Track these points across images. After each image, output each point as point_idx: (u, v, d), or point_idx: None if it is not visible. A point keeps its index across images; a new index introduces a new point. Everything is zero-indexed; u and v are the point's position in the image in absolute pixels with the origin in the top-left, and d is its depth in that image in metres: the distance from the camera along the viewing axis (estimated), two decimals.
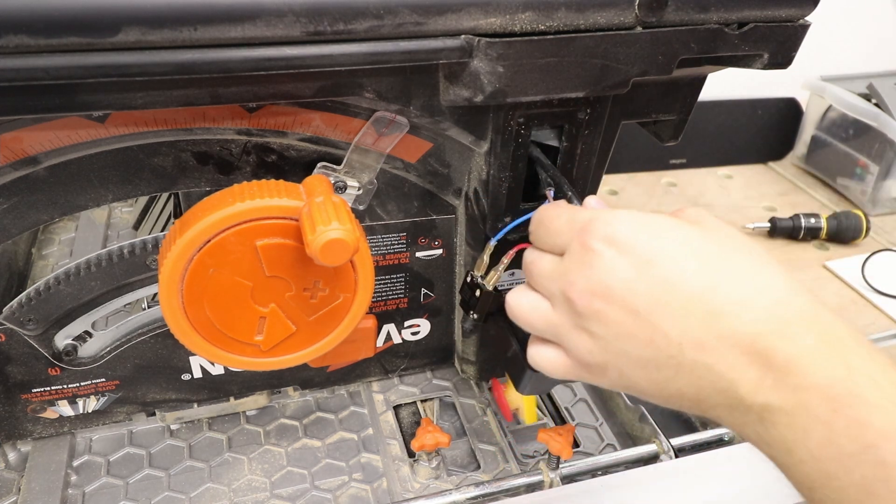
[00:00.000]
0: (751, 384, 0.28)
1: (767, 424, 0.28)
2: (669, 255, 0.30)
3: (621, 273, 0.30)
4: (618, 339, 0.31)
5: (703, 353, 0.29)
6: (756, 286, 0.29)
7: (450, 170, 0.48)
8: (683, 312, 0.29)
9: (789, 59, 0.43)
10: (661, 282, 0.30)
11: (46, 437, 0.55)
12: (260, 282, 0.40)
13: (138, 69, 0.31)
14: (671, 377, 0.30)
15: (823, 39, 0.83)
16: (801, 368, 0.27)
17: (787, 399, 0.27)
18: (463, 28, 0.35)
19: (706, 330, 0.29)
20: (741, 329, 0.28)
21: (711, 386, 0.29)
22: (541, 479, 0.53)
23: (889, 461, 0.25)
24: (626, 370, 0.32)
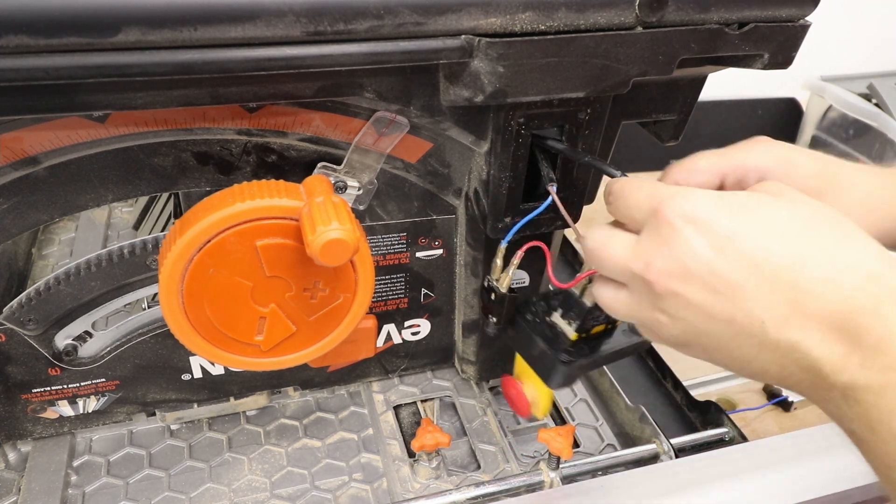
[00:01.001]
0: (836, 363, 0.28)
1: (851, 402, 0.28)
2: (750, 231, 0.30)
3: (700, 252, 0.30)
4: (697, 319, 0.31)
5: (787, 331, 0.28)
6: (845, 261, 0.28)
7: (450, 170, 0.48)
8: (767, 290, 0.29)
9: (789, 59, 0.43)
10: (742, 259, 0.29)
11: (46, 437, 0.55)
12: (260, 282, 0.40)
13: (138, 69, 0.31)
14: (754, 356, 0.30)
15: (823, 39, 0.83)
16: (892, 348, 0.27)
17: (875, 378, 0.27)
18: (463, 28, 0.35)
19: (791, 308, 0.28)
20: (829, 307, 0.28)
21: (795, 364, 0.29)
22: (541, 479, 0.53)
23: None
24: (709, 348, 0.32)
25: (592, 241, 0.35)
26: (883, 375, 0.27)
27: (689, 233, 0.30)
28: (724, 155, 0.38)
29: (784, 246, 0.29)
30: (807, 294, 0.28)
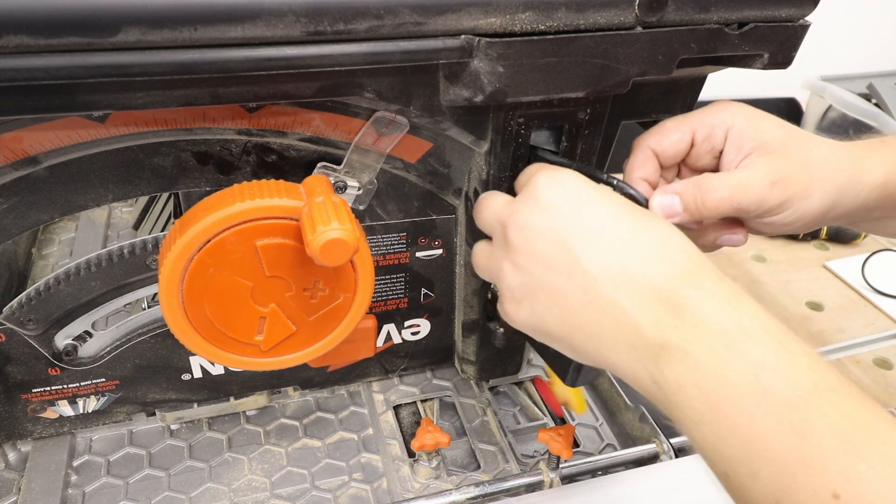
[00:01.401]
0: (653, 322, 0.31)
1: (661, 362, 0.30)
2: (605, 204, 0.35)
3: (560, 209, 0.35)
4: (540, 271, 0.35)
5: (614, 290, 0.32)
6: (671, 243, 0.33)
7: (450, 170, 0.48)
8: (605, 252, 0.33)
9: (789, 59, 0.43)
10: (592, 222, 0.34)
11: (46, 437, 0.55)
12: (260, 282, 0.40)
13: (138, 69, 0.31)
14: (580, 310, 0.33)
15: (823, 39, 0.83)
16: (702, 310, 0.30)
17: (685, 336, 0.30)
18: (463, 28, 0.35)
19: (621, 269, 0.32)
20: (652, 274, 0.32)
21: (615, 322, 0.32)
22: (541, 479, 0.53)
23: (770, 388, 0.27)
24: (539, 305, 0.35)
25: (482, 198, 0.41)
26: (692, 333, 0.30)
27: (555, 192, 0.35)
28: (691, 114, 0.42)
29: (627, 221, 0.34)
30: (637, 263, 0.32)
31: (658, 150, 0.42)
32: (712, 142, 0.41)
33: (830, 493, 0.25)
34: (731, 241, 0.42)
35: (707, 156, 0.42)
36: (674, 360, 0.30)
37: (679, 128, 0.42)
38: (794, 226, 0.40)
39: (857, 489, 0.25)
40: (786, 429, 0.27)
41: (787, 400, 0.27)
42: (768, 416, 0.27)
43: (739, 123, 0.41)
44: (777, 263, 0.89)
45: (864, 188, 0.40)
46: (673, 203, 0.40)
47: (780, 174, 0.39)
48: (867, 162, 0.41)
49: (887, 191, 0.41)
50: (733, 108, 0.41)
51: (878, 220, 0.44)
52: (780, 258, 0.90)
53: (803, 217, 0.40)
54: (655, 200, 0.40)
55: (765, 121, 0.41)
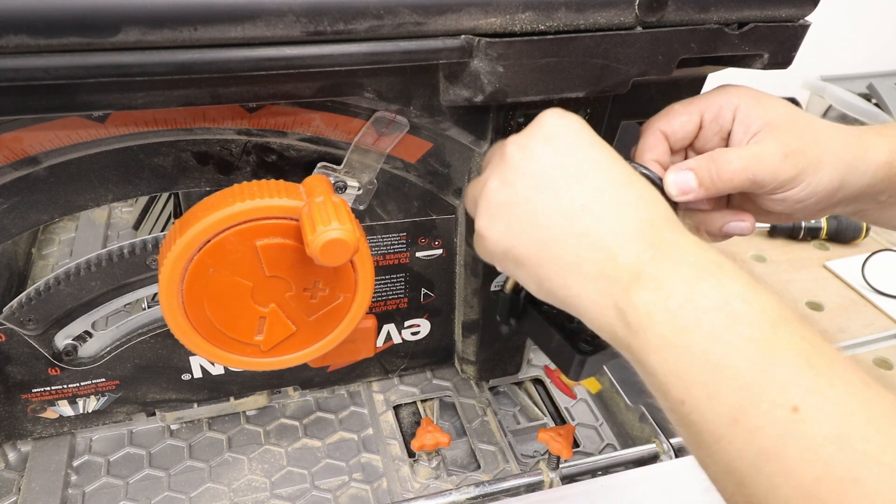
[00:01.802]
0: (631, 254, 0.32)
1: (632, 290, 0.31)
2: (605, 150, 0.35)
3: (564, 141, 0.35)
4: (528, 187, 0.35)
5: (598, 221, 0.33)
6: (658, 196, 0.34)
7: (450, 170, 0.48)
8: (599, 188, 0.34)
9: (789, 59, 0.43)
10: (592, 161, 0.35)
11: (46, 437, 0.55)
12: (260, 282, 0.40)
13: (138, 69, 0.31)
14: (556, 237, 0.34)
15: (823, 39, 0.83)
16: (681, 249, 0.31)
17: (661, 267, 0.31)
18: (463, 28, 0.35)
19: (609, 206, 0.33)
20: (637, 215, 0.33)
21: (592, 251, 0.32)
22: (541, 479, 0.53)
23: (739, 313, 0.28)
24: (515, 225, 0.35)
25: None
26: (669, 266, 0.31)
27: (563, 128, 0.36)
28: (698, 97, 0.42)
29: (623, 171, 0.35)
30: (626, 203, 0.33)
31: (668, 131, 0.42)
32: (720, 122, 0.42)
33: (790, 406, 0.25)
34: (739, 229, 0.43)
35: (715, 137, 0.42)
36: (646, 288, 0.30)
37: (687, 109, 0.42)
38: (807, 203, 0.40)
39: (815, 403, 0.25)
40: (751, 348, 0.27)
41: (754, 324, 0.28)
42: (735, 338, 0.28)
43: (746, 103, 0.41)
44: (777, 263, 0.89)
45: (869, 167, 0.41)
46: (687, 179, 0.40)
47: (791, 147, 0.39)
48: (871, 141, 0.41)
49: (892, 170, 0.41)
50: (739, 89, 0.42)
51: (886, 207, 0.44)
52: (780, 258, 0.90)
53: (815, 192, 0.40)
54: (670, 178, 0.40)
55: (771, 100, 0.41)
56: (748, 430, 0.26)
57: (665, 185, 0.40)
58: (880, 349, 0.75)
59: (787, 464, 0.25)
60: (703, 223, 0.43)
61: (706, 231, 0.44)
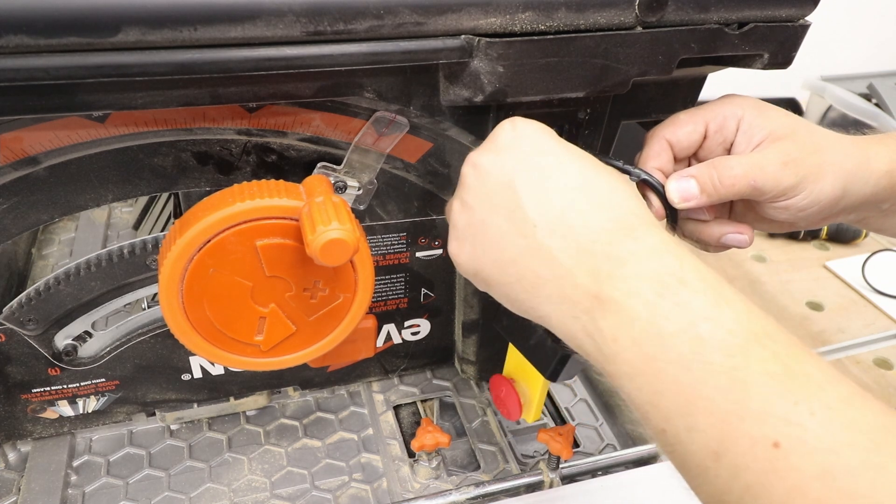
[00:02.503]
0: (588, 272, 0.31)
1: (596, 314, 0.30)
2: (560, 153, 0.34)
3: (514, 151, 0.34)
4: (483, 209, 0.34)
5: (551, 237, 0.32)
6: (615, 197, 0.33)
7: (450, 170, 0.48)
8: (550, 199, 0.33)
9: (789, 59, 0.43)
10: (542, 168, 0.33)
11: (46, 437, 0.55)
12: (260, 282, 0.40)
13: (138, 69, 0.31)
14: (517, 257, 0.33)
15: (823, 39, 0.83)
16: (638, 260, 0.30)
17: (619, 287, 0.29)
18: (463, 28, 0.35)
19: (561, 219, 0.32)
20: (593, 224, 0.32)
21: (550, 271, 0.32)
22: (541, 479, 0.53)
23: (705, 337, 0.27)
24: (478, 247, 0.35)
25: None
26: (626, 284, 0.29)
27: (512, 138, 0.35)
28: (702, 107, 0.42)
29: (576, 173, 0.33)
30: (578, 213, 0.32)
31: (672, 140, 0.42)
32: (724, 133, 0.42)
33: (770, 442, 0.25)
34: (737, 241, 0.43)
35: (719, 147, 0.43)
36: (609, 312, 0.29)
37: (692, 119, 0.42)
38: (810, 211, 0.41)
39: (797, 436, 0.24)
40: (723, 377, 0.26)
41: (723, 348, 0.27)
42: (705, 365, 0.26)
43: (750, 114, 0.41)
44: (777, 263, 0.89)
45: (872, 175, 0.41)
46: (689, 186, 0.40)
47: (791, 156, 0.39)
48: (873, 151, 0.41)
49: (894, 179, 0.42)
50: (742, 100, 0.42)
51: (888, 215, 0.44)
52: (780, 258, 0.90)
53: (818, 201, 0.40)
54: (672, 185, 0.40)
55: (773, 111, 0.42)
56: (732, 467, 0.25)
57: (667, 191, 0.40)
58: (880, 349, 0.75)
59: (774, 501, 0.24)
60: (701, 233, 0.43)
61: (704, 241, 0.44)
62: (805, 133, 0.40)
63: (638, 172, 0.41)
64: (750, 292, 0.84)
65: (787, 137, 0.40)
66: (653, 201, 0.41)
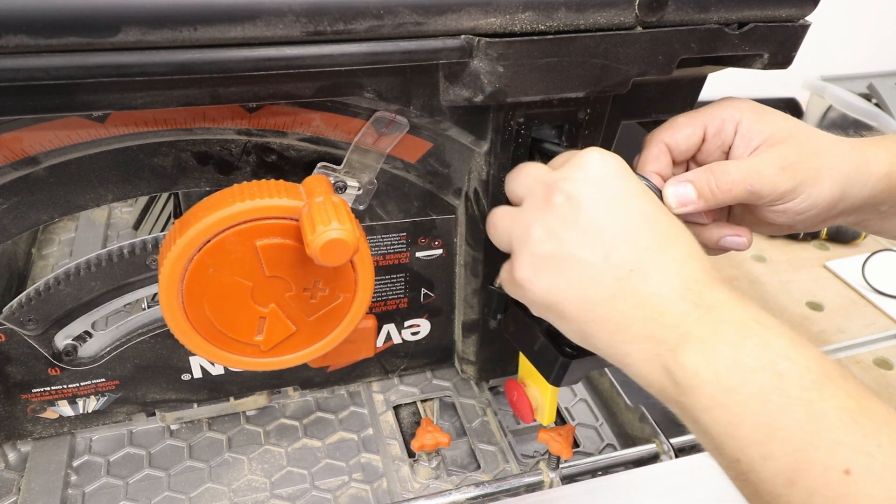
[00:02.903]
0: (677, 316, 0.32)
1: (679, 351, 0.31)
2: (650, 198, 0.35)
3: (615, 188, 0.35)
4: (576, 243, 0.34)
5: (647, 285, 0.33)
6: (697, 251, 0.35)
7: (450, 170, 0.48)
8: (646, 247, 0.33)
9: (789, 59, 0.43)
10: (639, 214, 0.34)
11: (46, 437, 0.55)
12: (260, 282, 0.40)
13: (138, 69, 0.31)
14: (605, 299, 0.34)
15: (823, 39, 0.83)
16: (724, 308, 0.32)
17: (707, 329, 0.31)
18: (463, 28, 0.35)
19: (658, 266, 0.33)
20: (683, 273, 0.33)
21: (641, 314, 0.33)
22: (541, 479, 0.53)
23: (784, 373, 0.29)
24: (561, 280, 0.35)
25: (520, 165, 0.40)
26: (713, 327, 0.31)
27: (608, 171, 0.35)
28: (701, 110, 0.43)
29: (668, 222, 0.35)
30: (672, 260, 0.33)
31: (671, 144, 0.42)
32: (722, 136, 0.42)
33: (842, 469, 0.26)
34: (735, 244, 0.43)
35: (717, 151, 0.43)
36: (693, 350, 0.31)
37: (691, 122, 0.42)
38: (808, 215, 0.41)
39: (867, 465, 0.26)
40: (799, 409, 0.28)
41: (800, 384, 0.28)
42: (783, 399, 0.28)
43: (748, 117, 0.41)
44: (777, 263, 0.89)
45: (870, 178, 0.41)
46: (687, 191, 0.40)
47: (789, 160, 0.40)
48: (871, 153, 0.42)
49: (892, 181, 0.42)
50: (741, 103, 0.42)
51: (887, 217, 0.44)
52: (780, 258, 0.90)
53: (816, 204, 0.40)
54: (669, 190, 0.40)
55: (771, 114, 0.42)
56: (805, 492, 0.27)
57: (664, 196, 0.41)
58: (880, 349, 0.75)
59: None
60: (700, 236, 0.43)
61: (703, 244, 0.44)
62: (803, 137, 0.41)
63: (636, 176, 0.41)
64: (750, 292, 0.84)
65: (785, 141, 0.40)
66: None
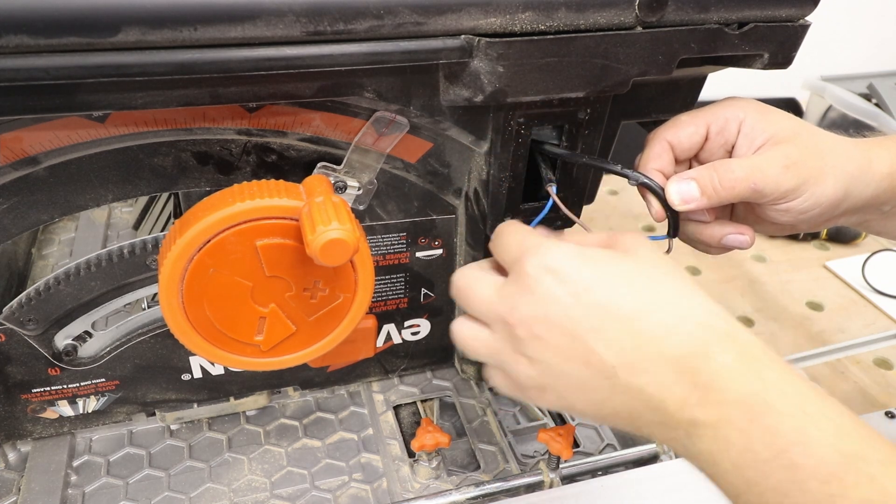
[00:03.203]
0: (678, 402, 0.30)
1: (694, 438, 0.30)
2: (604, 282, 0.32)
3: (560, 299, 0.32)
4: (556, 362, 0.33)
5: (635, 376, 0.31)
6: (681, 312, 0.32)
7: (450, 170, 0.48)
8: (617, 336, 0.31)
9: (789, 59, 0.43)
10: (596, 307, 0.32)
11: (46, 437, 0.55)
12: (260, 282, 0.40)
13: (138, 69, 0.31)
14: (606, 398, 0.32)
15: (823, 39, 0.83)
16: (722, 385, 0.29)
17: (711, 413, 0.29)
18: (463, 28, 0.35)
19: (638, 353, 0.31)
20: (668, 352, 0.31)
21: (644, 405, 0.31)
22: (541, 479, 0.53)
23: (799, 463, 0.27)
24: (565, 392, 0.34)
25: (462, 279, 0.37)
26: (717, 410, 0.29)
27: (550, 282, 0.33)
28: (704, 109, 0.42)
29: (632, 297, 0.32)
30: (651, 341, 0.31)
31: (674, 142, 0.42)
32: (726, 135, 0.42)
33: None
34: (738, 242, 0.43)
35: (720, 150, 0.43)
36: (705, 438, 0.30)
37: (694, 121, 0.42)
38: (811, 214, 0.41)
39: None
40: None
41: (818, 475, 0.27)
42: (803, 493, 0.27)
43: (752, 117, 0.41)
44: (777, 263, 0.89)
45: (873, 178, 0.41)
46: (690, 188, 0.40)
47: (792, 159, 0.39)
48: (874, 153, 0.41)
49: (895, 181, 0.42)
50: (744, 102, 0.42)
51: (890, 217, 0.44)
52: (780, 258, 0.90)
53: (819, 203, 0.40)
54: (672, 187, 0.40)
55: (775, 114, 0.42)
56: None
57: (667, 194, 0.41)
58: (880, 349, 0.75)
59: None
60: (702, 234, 0.43)
61: (705, 242, 0.44)
62: (807, 136, 0.41)
63: (637, 176, 0.41)
64: (750, 292, 0.84)
65: (789, 140, 0.40)
66: (653, 204, 0.41)
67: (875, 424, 0.58)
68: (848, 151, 0.41)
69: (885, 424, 0.59)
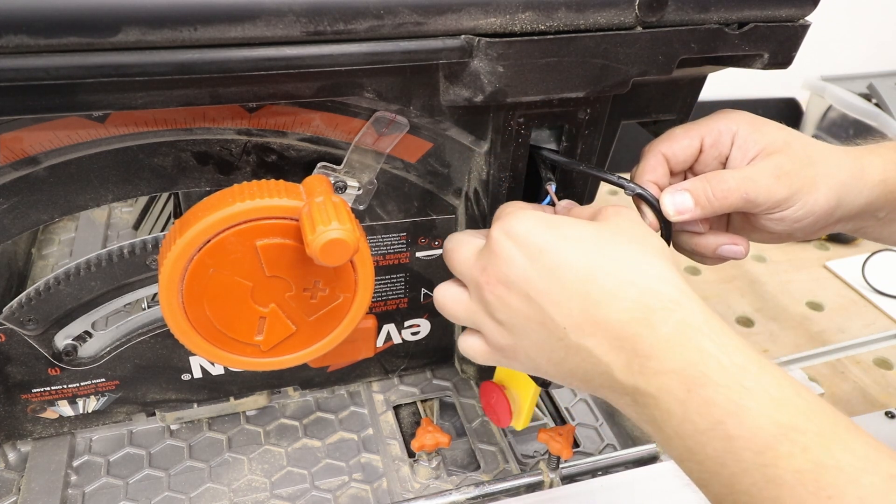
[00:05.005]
0: (622, 369, 0.31)
1: (640, 406, 0.31)
2: (558, 246, 0.33)
3: (518, 262, 0.34)
4: (518, 323, 0.34)
5: (583, 338, 0.32)
6: (628, 277, 0.32)
7: (450, 170, 0.48)
8: (566, 298, 0.32)
9: (789, 59, 0.43)
10: (547, 270, 0.33)
11: (46, 437, 0.55)
12: (260, 282, 0.40)
13: (138, 69, 0.31)
14: (563, 358, 0.34)
15: (823, 39, 0.83)
16: (660, 354, 0.30)
17: (651, 383, 0.30)
18: (463, 28, 0.35)
19: (584, 316, 0.32)
20: (611, 317, 0.31)
21: (594, 368, 0.32)
22: (541, 479, 0.53)
23: (734, 434, 0.28)
24: (530, 352, 0.35)
25: (450, 241, 0.40)
26: (656, 379, 0.30)
27: (509, 246, 0.34)
28: (698, 122, 0.43)
29: (581, 259, 0.33)
30: (596, 304, 0.32)
31: (669, 154, 0.43)
32: (719, 147, 0.42)
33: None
34: (732, 252, 0.43)
35: (714, 162, 0.43)
36: (648, 406, 0.31)
37: (688, 134, 0.43)
38: (805, 222, 0.41)
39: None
40: (756, 474, 0.27)
41: (751, 446, 0.27)
42: (738, 463, 0.28)
43: (745, 129, 0.42)
44: (777, 263, 0.89)
45: (866, 185, 0.42)
46: (684, 199, 0.41)
47: (784, 169, 0.40)
48: (866, 160, 0.42)
49: (888, 187, 0.42)
50: (738, 115, 0.43)
51: (886, 223, 0.45)
52: (780, 258, 0.90)
53: (812, 212, 0.41)
54: (667, 198, 0.41)
55: (767, 125, 0.42)
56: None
57: (662, 205, 0.41)
58: (880, 349, 0.75)
59: None
60: (697, 245, 0.44)
61: (700, 253, 0.44)
62: (798, 146, 0.41)
63: (633, 187, 0.41)
64: (750, 292, 0.84)
65: (781, 151, 0.41)
66: (647, 215, 0.42)
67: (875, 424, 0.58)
68: (840, 160, 0.41)
69: (885, 424, 0.59)
